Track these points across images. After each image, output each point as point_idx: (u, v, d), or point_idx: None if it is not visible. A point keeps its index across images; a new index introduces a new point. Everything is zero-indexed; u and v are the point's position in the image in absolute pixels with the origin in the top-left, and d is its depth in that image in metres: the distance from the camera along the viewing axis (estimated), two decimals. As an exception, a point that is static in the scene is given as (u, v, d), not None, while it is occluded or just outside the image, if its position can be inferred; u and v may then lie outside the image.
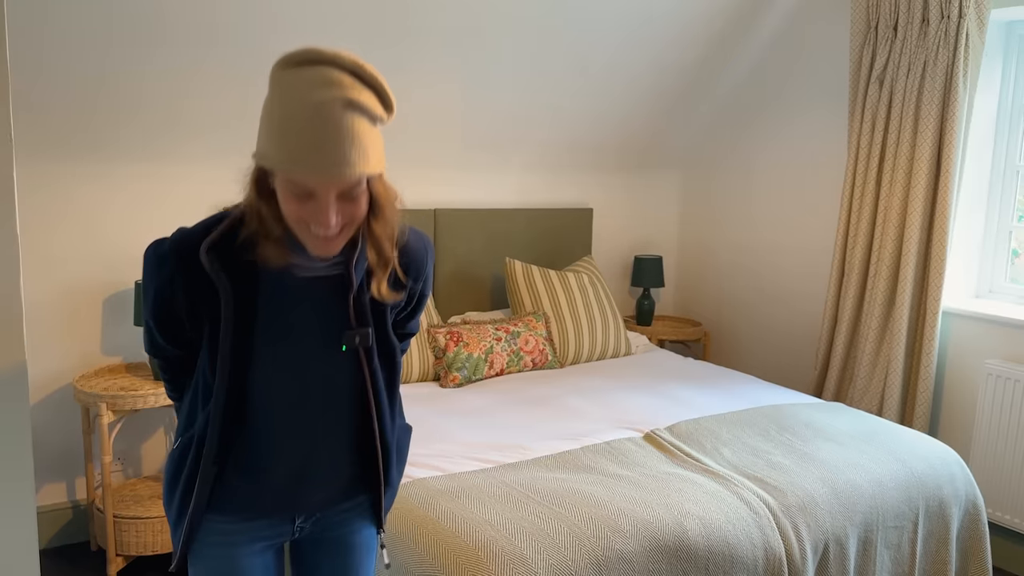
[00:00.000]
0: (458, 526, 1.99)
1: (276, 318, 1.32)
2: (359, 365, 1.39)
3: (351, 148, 1.12)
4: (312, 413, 1.38)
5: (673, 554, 2.01)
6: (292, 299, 1.33)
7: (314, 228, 1.19)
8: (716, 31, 3.66)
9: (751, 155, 4.11)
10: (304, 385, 1.36)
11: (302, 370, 1.36)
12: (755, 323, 4.16)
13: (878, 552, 2.33)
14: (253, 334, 1.31)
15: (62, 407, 3.04)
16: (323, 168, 1.12)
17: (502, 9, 3.13)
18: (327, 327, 1.35)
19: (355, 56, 1.16)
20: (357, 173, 1.14)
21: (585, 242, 4.15)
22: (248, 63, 2.89)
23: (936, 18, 3.07)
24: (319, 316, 1.35)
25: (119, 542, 2.81)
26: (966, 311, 3.19)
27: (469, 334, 3.29)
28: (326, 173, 1.13)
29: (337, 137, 1.11)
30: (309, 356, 1.36)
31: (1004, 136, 3.25)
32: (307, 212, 1.17)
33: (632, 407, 2.90)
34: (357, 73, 1.15)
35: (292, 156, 1.12)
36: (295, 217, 1.19)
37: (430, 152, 3.61)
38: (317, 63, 1.14)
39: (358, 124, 1.13)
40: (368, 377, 1.39)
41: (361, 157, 1.14)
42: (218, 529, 1.40)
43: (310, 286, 1.33)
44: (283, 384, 1.35)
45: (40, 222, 2.92)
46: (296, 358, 1.35)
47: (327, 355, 1.37)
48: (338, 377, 1.38)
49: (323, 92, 1.12)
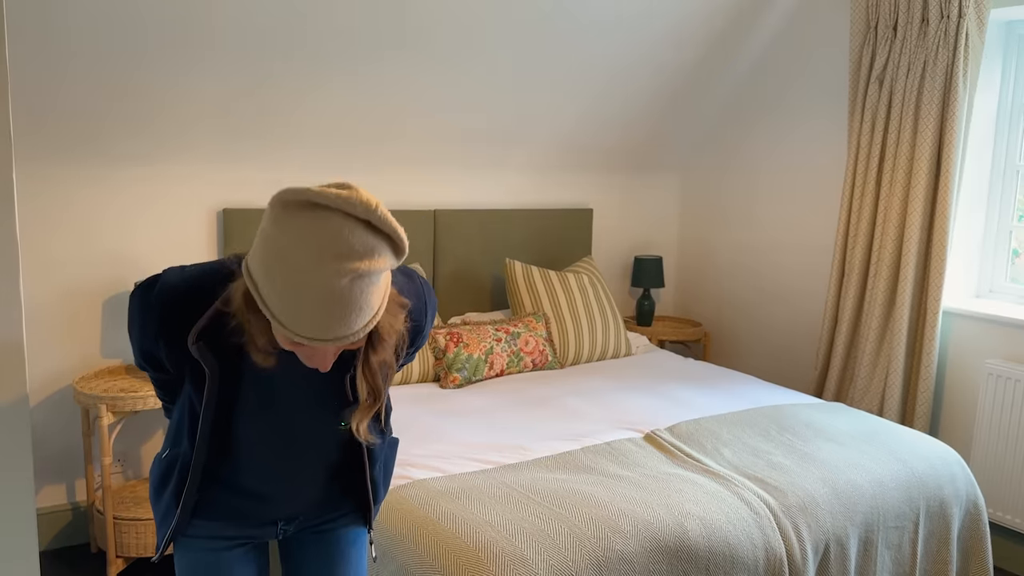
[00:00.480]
0: (458, 527, 1.98)
1: (262, 383, 1.30)
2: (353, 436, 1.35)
3: (358, 318, 1.06)
4: (299, 455, 1.40)
5: (674, 554, 2.01)
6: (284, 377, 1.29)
7: (308, 363, 1.15)
8: (716, 31, 3.66)
9: (751, 155, 4.11)
10: (292, 437, 1.37)
11: (289, 426, 1.36)
12: (755, 323, 4.16)
13: (879, 552, 2.33)
14: (238, 396, 1.30)
15: (62, 409, 3.03)
16: (329, 340, 1.06)
17: (502, 10, 3.13)
18: (320, 395, 1.34)
19: (368, 197, 1.04)
20: (362, 335, 1.09)
21: (585, 243, 4.15)
22: (248, 69, 2.89)
23: (936, 18, 3.07)
24: (312, 385, 1.32)
25: (119, 544, 2.80)
26: (966, 311, 3.19)
27: (469, 335, 3.29)
28: (332, 343, 1.07)
29: (345, 312, 1.04)
30: (298, 414, 1.35)
31: (1004, 136, 3.25)
32: (302, 353, 1.13)
33: (632, 408, 2.90)
34: (371, 223, 1.04)
35: (296, 326, 1.05)
36: (292, 349, 1.12)
37: (430, 153, 3.61)
38: (325, 208, 1.02)
39: (367, 291, 1.06)
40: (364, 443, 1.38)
41: (368, 320, 1.09)
42: (202, 529, 1.42)
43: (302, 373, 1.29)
44: (270, 436, 1.36)
45: (40, 224, 2.92)
46: (284, 419, 1.35)
47: (318, 414, 1.36)
48: (327, 431, 1.39)
49: (332, 266, 1.01)
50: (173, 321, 1.21)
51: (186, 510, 1.37)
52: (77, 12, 2.52)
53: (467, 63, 3.30)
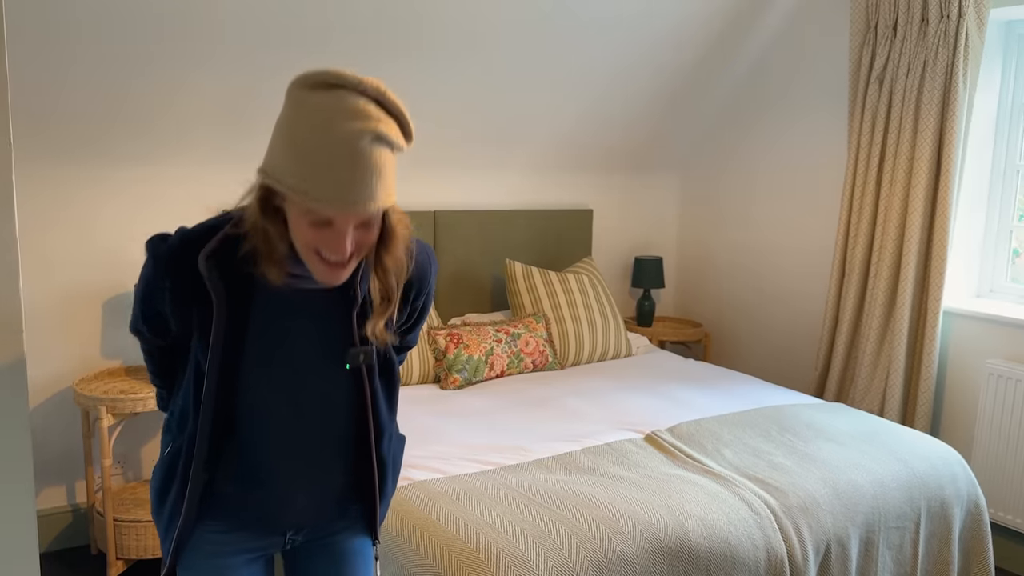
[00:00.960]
0: (459, 528, 1.98)
1: (270, 330, 1.28)
2: (360, 383, 1.35)
3: (378, 183, 1.11)
4: (306, 427, 1.35)
5: (674, 555, 2.00)
6: (290, 311, 1.29)
7: (326, 254, 1.16)
8: (715, 31, 3.66)
9: (751, 155, 4.11)
10: (299, 401, 1.33)
11: (298, 386, 1.32)
12: (756, 324, 4.16)
13: (880, 553, 2.33)
14: (244, 346, 1.27)
15: (62, 410, 3.03)
16: (349, 203, 1.10)
17: (501, 11, 3.13)
18: (326, 342, 1.32)
19: (378, 82, 1.13)
20: (380, 207, 1.14)
21: (585, 243, 4.15)
22: (247, 68, 2.89)
23: (935, 18, 3.07)
24: (318, 330, 1.31)
25: (119, 546, 2.80)
26: (967, 311, 3.18)
27: (469, 336, 3.28)
28: (352, 207, 1.10)
29: (366, 172, 1.09)
30: (306, 371, 1.32)
31: (1004, 135, 3.25)
32: (321, 239, 1.15)
33: (633, 408, 2.90)
34: (381, 102, 1.13)
35: (317, 189, 1.09)
36: (307, 243, 1.16)
37: (430, 154, 3.61)
38: (340, 87, 1.11)
39: (384, 157, 1.12)
40: (369, 396, 1.36)
41: (384, 191, 1.13)
42: (207, 539, 1.37)
43: (309, 299, 1.29)
44: (277, 398, 1.32)
45: (39, 226, 2.92)
46: (292, 373, 1.31)
47: (325, 371, 1.33)
48: (336, 394, 1.35)
49: (352, 124, 1.09)
50: (186, 260, 1.23)
51: (192, 504, 1.31)
52: (77, 14, 2.52)
53: (467, 63, 3.30)
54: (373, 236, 1.20)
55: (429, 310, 1.51)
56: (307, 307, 1.30)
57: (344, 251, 1.15)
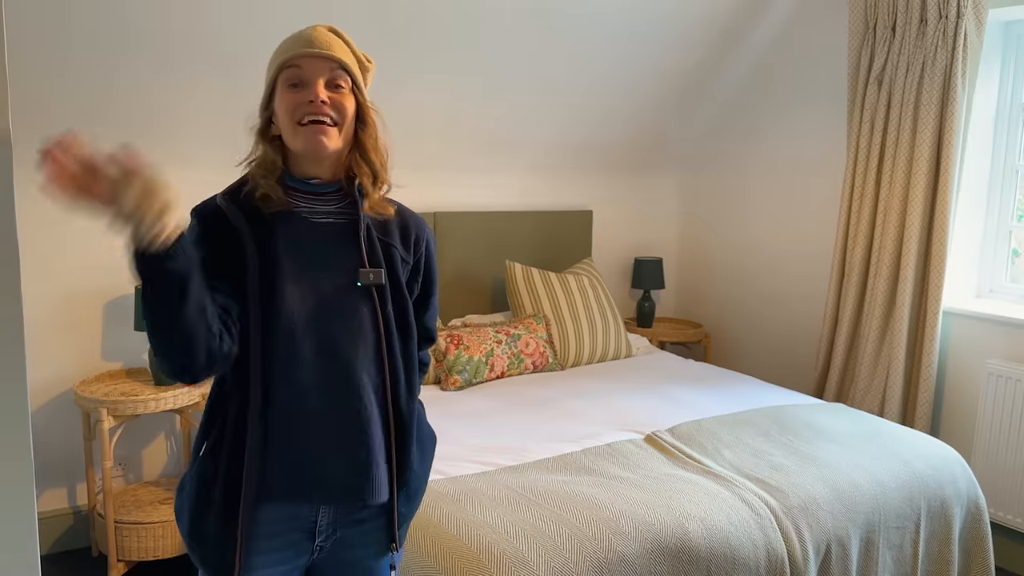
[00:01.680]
0: (459, 529, 1.98)
1: (294, 260, 1.40)
2: (373, 308, 1.43)
3: (333, 43, 1.40)
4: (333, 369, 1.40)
5: (675, 556, 2.01)
6: (307, 240, 1.42)
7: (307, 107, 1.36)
8: (716, 33, 3.67)
9: (751, 157, 4.11)
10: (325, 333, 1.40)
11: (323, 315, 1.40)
12: (756, 324, 4.16)
13: (880, 553, 2.33)
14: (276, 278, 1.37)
15: (63, 412, 3.03)
16: (311, 46, 1.38)
17: (502, 13, 3.14)
18: (341, 268, 1.43)
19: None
20: (337, 55, 1.39)
21: (585, 244, 4.15)
22: (248, 70, 2.89)
23: (934, 18, 3.07)
24: (332, 260, 1.43)
25: (120, 547, 2.80)
26: (967, 311, 3.19)
27: (469, 337, 3.29)
28: (312, 48, 1.38)
29: (321, 35, 1.41)
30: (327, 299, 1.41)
31: (1003, 135, 3.26)
32: (300, 99, 1.37)
33: (633, 409, 2.90)
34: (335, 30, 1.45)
35: (285, 49, 1.41)
36: (290, 106, 1.37)
37: (429, 155, 3.61)
38: None
39: (337, 38, 1.43)
40: (382, 321, 1.43)
41: (341, 50, 1.41)
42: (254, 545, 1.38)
43: (321, 232, 1.43)
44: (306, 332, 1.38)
45: (40, 227, 2.92)
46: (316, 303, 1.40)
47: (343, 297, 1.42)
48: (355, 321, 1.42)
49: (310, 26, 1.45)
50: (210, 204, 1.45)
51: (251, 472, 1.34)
52: (81, 16, 2.52)
53: (466, 65, 3.31)
54: (346, 101, 1.40)
55: (436, 280, 1.61)
56: (320, 239, 1.44)
57: (317, 94, 1.36)
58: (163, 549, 2.83)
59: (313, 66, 1.38)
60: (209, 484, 1.39)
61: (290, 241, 1.40)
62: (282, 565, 1.43)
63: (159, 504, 2.95)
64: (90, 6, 2.52)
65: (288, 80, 1.39)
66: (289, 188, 1.43)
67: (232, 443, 1.38)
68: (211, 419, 1.43)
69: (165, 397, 2.81)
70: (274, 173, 1.41)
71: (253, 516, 1.38)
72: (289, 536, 1.43)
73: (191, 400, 2.90)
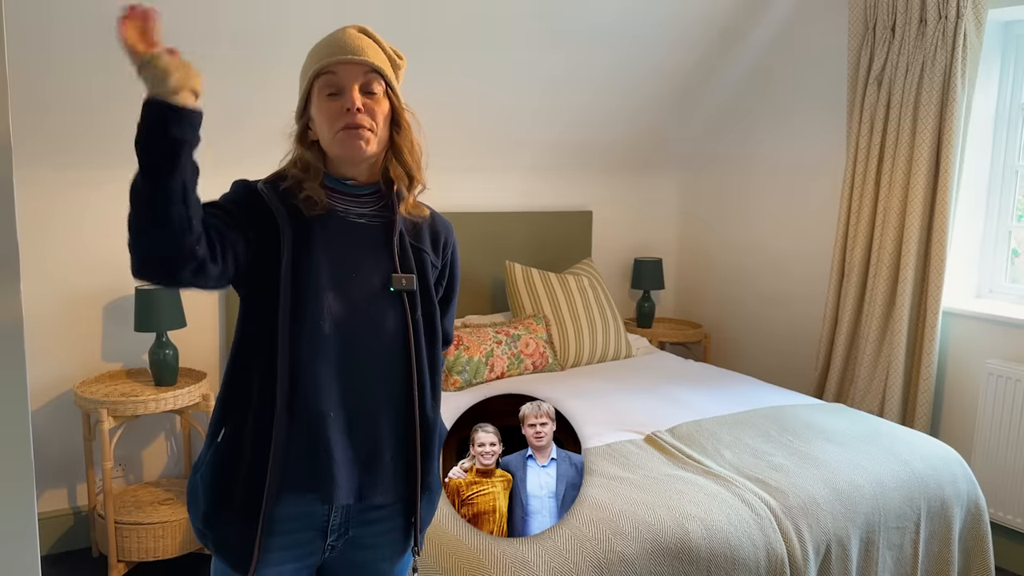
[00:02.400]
0: (459, 529, 1.98)
1: (327, 258, 1.40)
2: (403, 313, 1.43)
3: (366, 47, 1.41)
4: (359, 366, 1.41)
5: (675, 556, 2.01)
6: (343, 240, 1.43)
7: (345, 116, 1.37)
8: (715, 34, 3.67)
9: (750, 157, 4.12)
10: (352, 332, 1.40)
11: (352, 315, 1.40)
12: (755, 325, 4.16)
13: (880, 553, 2.33)
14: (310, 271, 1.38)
15: (63, 413, 3.04)
16: (344, 52, 1.38)
17: (501, 14, 3.14)
18: (373, 271, 1.43)
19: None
20: (370, 60, 1.39)
21: (585, 245, 4.15)
22: (250, 69, 2.90)
23: (934, 18, 3.07)
24: (366, 263, 1.43)
25: (120, 548, 2.80)
26: (966, 311, 3.19)
27: (469, 337, 3.29)
28: (346, 54, 1.38)
29: (354, 39, 1.41)
30: (358, 299, 1.41)
31: (1003, 136, 3.26)
32: (337, 107, 1.38)
33: (633, 409, 2.90)
34: (366, 31, 1.46)
35: (318, 56, 1.40)
36: (329, 121, 1.38)
37: (429, 156, 3.61)
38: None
39: (369, 40, 1.43)
40: (411, 327, 1.43)
41: (374, 53, 1.41)
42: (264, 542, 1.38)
43: (357, 234, 1.44)
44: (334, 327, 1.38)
45: (40, 228, 2.92)
46: (346, 301, 1.40)
47: (374, 300, 1.42)
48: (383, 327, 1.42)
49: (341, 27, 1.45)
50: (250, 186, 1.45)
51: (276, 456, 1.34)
52: (80, 13, 2.52)
53: (466, 65, 3.31)
54: (380, 107, 1.41)
55: (458, 283, 1.68)
56: (356, 237, 1.45)
57: (353, 101, 1.36)
58: (163, 550, 2.83)
59: (348, 72, 1.39)
60: (228, 473, 1.39)
61: (326, 240, 1.42)
62: (294, 563, 1.43)
63: (159, 505, 2.95)
64: (89, 7, 2.52)
65: (324, 88, 1.39)
66: (326, 188, 1.44)
67: (255, 434, 1.37)
68: (229, 408, 1.43)
69: (165, 398, 2.81)
70: (316, 177, 1.43)
71: (272, 511, 1.38)
72: (302, 534, 1.43)
73: (191, 401, 2.90)
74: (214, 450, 1.42)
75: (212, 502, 1.40)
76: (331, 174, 1.45)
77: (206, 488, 1.41)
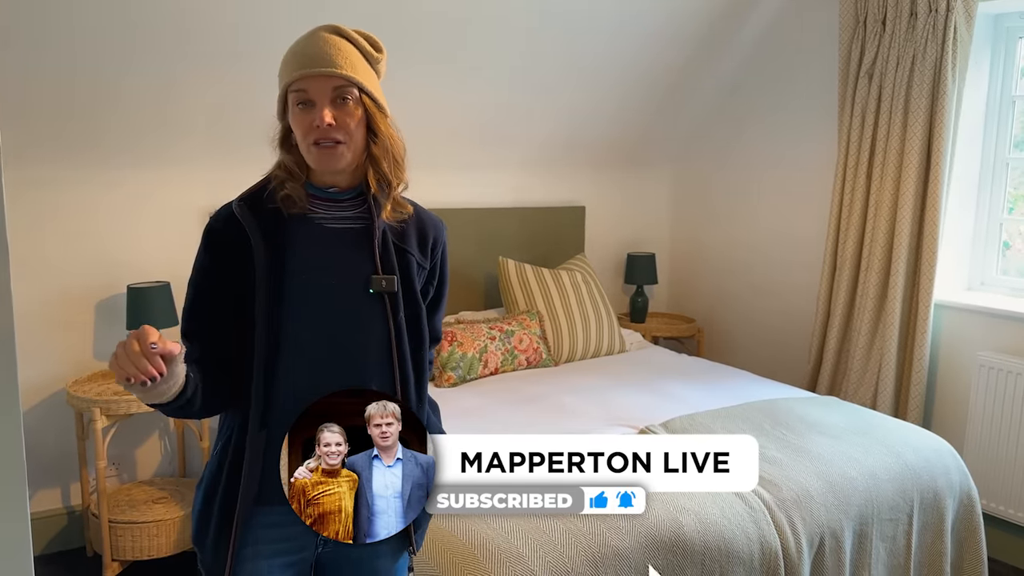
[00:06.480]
0: (454, 524, 1.99)
1: (306, 264, 1.40)
2: (384, 315, 1.43)
3: (336, 54, 1.38)
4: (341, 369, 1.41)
5: (669, 550, 2.01)
6: (321, 246, 1.42)
7: (315, 131, 1.35)
8: (706, 28, 3.67)
9: (742, 151, 4.12)
10: (333, 336, 1.40)
11: (333, 319, 1.41)
12: (748, 319, 4.17)
13: (874, 545, 2.34)
14: (284, 280, 1.38)
15: (56, 412, 3.02)
16: (313, 65, 1.36)
17: (492, 9, 3.13)
18: (354, 274, 1.42)
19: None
20: (340, 72, 1.36)
21: (578, 240, 4.16)
22: (236, 65, 2.88)
23: (924, 12, 3.08)
24: (345, 266, 1.43)
25: (115, 547, 2.80)
26: (958, 303, 3.20)
27: (463, 334, 3.29)
28: (315, 67, 1.35)
29: (324, 46, 1.38)
30: (339, 303, 1.41)
31: (993, 129, 3.27)
32: (309, 120, 1.36)
33: (626, 404, 2.91)
34: (339, 31, 1.44)
35: (290, 66, 1.38)
36: (301, 127, 1.36)
37: (421, 153, 3.58)
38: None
39: (342, 42, 1.40)
40: (393, 329, 1.43)
41: (345, 62, 1.37)
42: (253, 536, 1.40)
43: (337, 238, 1.43)
44: (315, 334, 1.39)
45: (30, 227, 2.91)
46: (327, 306, 1.41)
47: (355, 304, 1.42)
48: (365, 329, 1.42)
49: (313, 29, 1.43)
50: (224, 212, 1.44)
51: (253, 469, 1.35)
52: (67, 11, 2.51)
53: (458, 61, 3.30)
54: (353, 117, 1.38)
55: (447, 284, 1.65)
56: (336, 244, 1.44)
57: (323, 117, 1.34)
58: (158, 548, 2.83)
59: (317, 86, 1.36)
60: (216, 486, 1.41)
61: (304, 247, 1.41)
62: (284, 556, 1.44)
63: (153, 503, 2.94)
64: (92, 5, 2.51)
65: (296, 100, 1.38)
66: (309, 195, 1.43)
67: (236, 448, 1.39)
68: (225, 419, 1.46)
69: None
70: (299, 178, 1.42)
71: (251, 516, 1.39)
72: (291, 528, 1.43)
73: (184, 399, 2.90)
74: (209, 464, 1.46)
75: (200, 518, 1.43)
76: (313, 182, 1.44)
77: (198, 503, 1.45)
